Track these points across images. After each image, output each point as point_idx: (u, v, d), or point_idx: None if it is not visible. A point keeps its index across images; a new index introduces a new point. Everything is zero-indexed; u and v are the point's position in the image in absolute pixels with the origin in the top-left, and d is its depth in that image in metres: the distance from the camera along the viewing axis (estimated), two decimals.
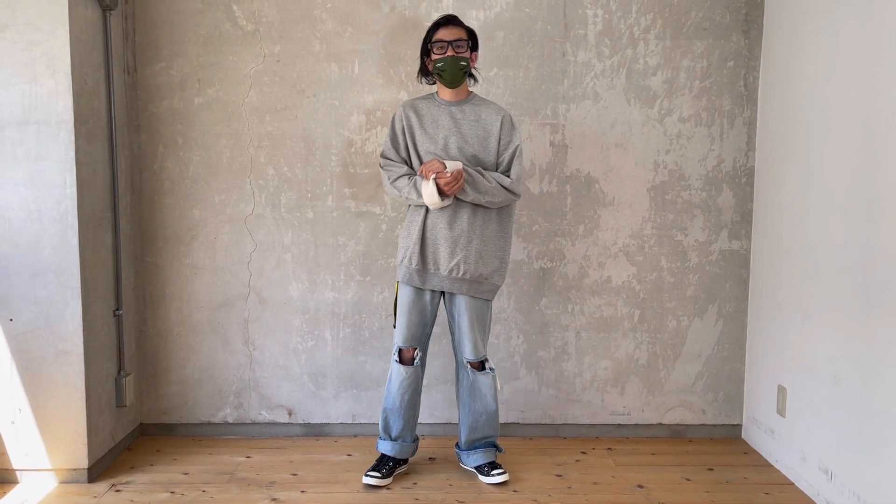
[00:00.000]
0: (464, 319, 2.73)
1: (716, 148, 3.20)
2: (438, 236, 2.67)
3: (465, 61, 2.64)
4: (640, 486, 2.80)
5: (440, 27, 2.66)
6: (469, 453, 2.85)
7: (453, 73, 2.64)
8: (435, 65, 2.66)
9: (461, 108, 2.71)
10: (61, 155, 2.67)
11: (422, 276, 2.71)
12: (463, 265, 2.66)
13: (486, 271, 2.70)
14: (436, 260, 2.69)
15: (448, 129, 2.68)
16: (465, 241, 2.66)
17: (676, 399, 3.31)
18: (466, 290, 2.70)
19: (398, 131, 2.75)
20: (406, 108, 2.74)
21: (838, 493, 2.51)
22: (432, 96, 2.77)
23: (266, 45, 3.14)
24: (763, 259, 3.12)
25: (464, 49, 2.64)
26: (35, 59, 2.63)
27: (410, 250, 2.70)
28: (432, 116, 2.71)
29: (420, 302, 2.74)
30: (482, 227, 2.69)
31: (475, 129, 2.70)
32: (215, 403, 3.30)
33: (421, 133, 2.70)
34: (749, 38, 3.15)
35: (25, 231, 2.69)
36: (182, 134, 3.17)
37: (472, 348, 2.74)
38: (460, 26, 2.67)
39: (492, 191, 2.63)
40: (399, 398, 2.79)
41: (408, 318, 2.74)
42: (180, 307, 3.25)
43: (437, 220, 2.67)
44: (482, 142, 2.70)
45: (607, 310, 3.27)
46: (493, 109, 2.72)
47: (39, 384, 2.75)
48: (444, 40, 2.62)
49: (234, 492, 2.73)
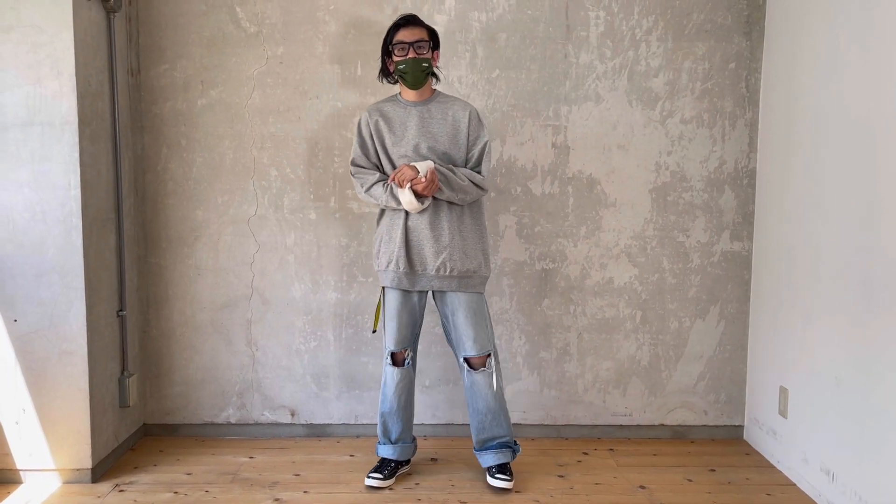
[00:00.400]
0: (458, 316, 2.72)
1: (717, 149, 3.20)
2: (421, 237, 2.67)
3: (427, 62, 2.63)
4: (641, 486, 2.81)
5: (400, 28, 2.63)
6: (482, 454, 2.83)
7: (415, 75, 2.63)
8: (397, 66, 2.64)
9: (427, 108, 2.70)
10: (65, 156, 2.68)
11: (410, 278, 2.71)
12: (449, 262, 2.66)
13: (472, 265, 2.71)
14: (422, 260, 2.69)
15: (417, 130, 2.67)
16: (448, 237, 2.67)
17: (678, 400, 3.32)
18: (456, 286, 2.71)
19: (366, 137, 2.73)
20: (372, 113, 2.73)
21: (840, 493, 2.52)
22: (396, 98, 2.75)
23: (269, 46, 3.16)
24: (765, 260, 3.13)
25: (425, 50, 2.63)
26: (39, 61, 2.64)
27: (396, 254, 2.68)
28: (400, 119, 2.70)
29: (409, 304, 2.75)
30: (459, 223, 2.69)
31: (443, 126, 2.69)
32: (218, 404, 3.31)
33: (390, 136, 2.69)
34: (751, 40, 3.16)
35: (30, 232, 2.70)
36: (185, 135, 3.19)
37: (472, 343, 2.72)
38: (421, 26, 2.65)
39: (465, 188, 2.64)
40: (396, 400, 2.79)
41: (398, 321, 2.74)
42: (183, 308, 3.26)
43: (418, 220, 2.67)
44: (452, 139, 2.69)
45: (609, 311, 3.28)
46: (459, 105, 2.72)
47: (43, 384, 2.76)
48: (404, 42, 2.61)
49: (237, 492, 2.74)
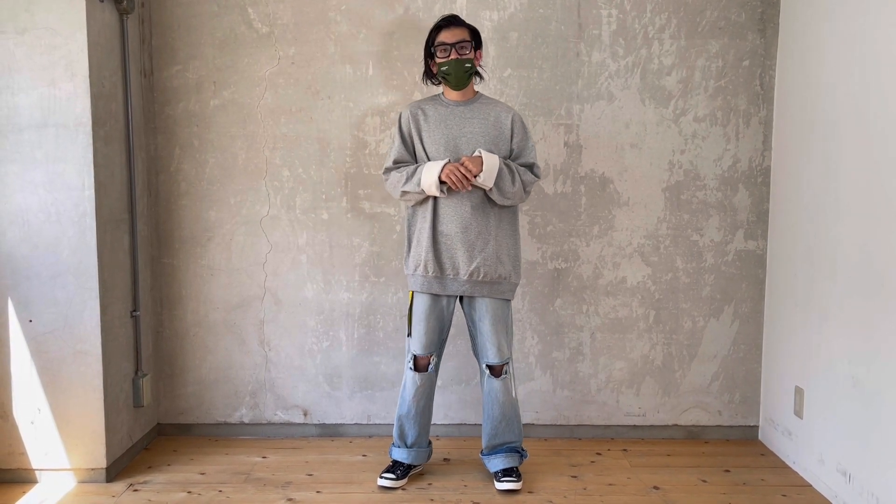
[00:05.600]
0: (485, 323, 2.70)
1: (731, 148, 3.18)
2: (454, 240, 2.64)
3: (470, 62, 2.62)
4: (655, 487, 2.79)
5: (441, 29, 2.62)
6: (490, 458, 2.82)
7: (458, 76, 2.62)
8: (439, 68, 2.63)
9: (470, 108, 2.69)
10: (79, 157, 2.69)
11: (441, 282, 2.68)
12: (483, 268, 2.64)
13: (504, 271, 2.68)
14: (454, 265, 2.66)
15: (458, 130, 2.66)
16: (483, 243, 2.65)
17: (692, 400, 3.30)
18: (487, 292, 2.68)
19: (405, 134, 2.72)
20: (413, 109, 2.72)
21: (857, 495, 2.49)
22: (438, 97, 2.74)
23: (281, 47, 3.16)
24: (779, 259, 3.10)
25: (467, 50, 2.61)
26: (54, 63, 2.66)
27: (424, 258, 2.66)
28: (440, 116, 2.68)
29: (437, 308, 2.71)
30: (496, 228, 2.67)
31: (485, 127, 2.66)
32: (231, 404, 3.32)
33: (429, 134, 2.68)
34: (765, 37, 3.13)
35: (45, 233, 2.72)
36: (198, 136, 3.20)
37: (495, 351, 2.70)
38: (462, 26, 2.63)
39: (515, 194, 2.64)
40: (414, 406, 2.77)
41: (426, 325, 2.71)
42: (196, 308, 3.27)
43: (450, 223, 2.64)
44: (493, 140, 2.66)
45: (622, 310, 3.26)
46: (502, 108, 2.71)
47: (58, 385, 2.77)
48: (446, 43, 2.60)
49: (251, 492, 2.75)
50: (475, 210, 2.64)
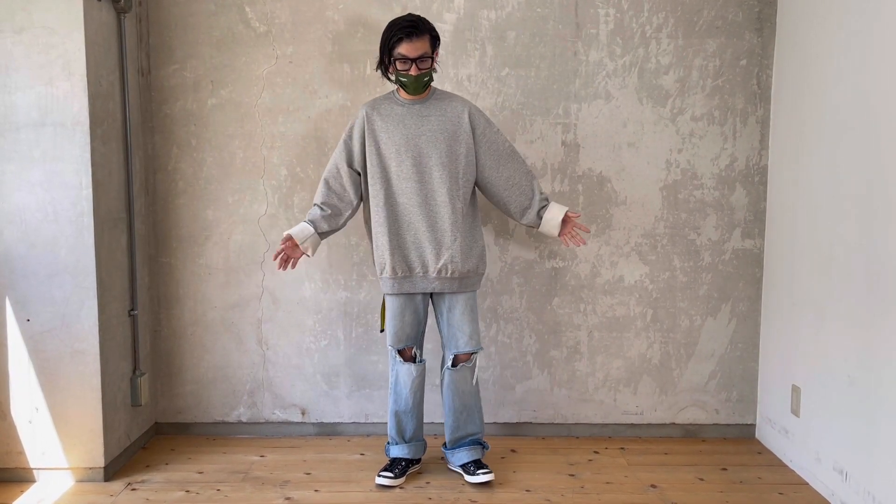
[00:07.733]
0: (455, 313, 2.73)
1: (728, 147, 3.18)
2: (421, 238, 2.66)
3: (429, 74, 2.61)
4: (653, 485, 2.80)
5: (402, 41, 2.51)
6: (454, 452, 2.83)
7: (416, 87, 2.61)
8: (398, 76, 2.61)
9: (426, 106, 2.68)
10: (77, 156, 2.69)
11: (410, 282, 2.70)
12: (450, 265, 2.66)
13: (471, 265, 2.71)
14: (423, 263, 2.68)
15: (416, 129, 2.64)
16: (450, 239, 2.65)
17: (689, 398, 3.30)
18: (457, 287, 2.70)
19: (356, 139, 2.69)
20: (369, 111, 2.68)
21: (853, 493, 2.50)
22: (393, 95, 2.71)
23: (279, 46, 3.16)
24: (776, 258, 3.11)
25: (428, 63, 2.58)
26: (51, 62, 2.66)
27: (388, 261, 2.67)
28: (398, 116, 2.66)
29: (411, 304, 2.74)
30: (462, 223, 2.68)
31: (443, 123, 2.65)
32: (229, 403, 3.32)
33: (387, 135, 2.65)
34: (762, 37, 3.14)
35: (42, 232, 2.72)
36: (196, 135, 3.20)
37: (467, 339, 2.73)
38: (423, 35, 2.54)
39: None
40: (412, 398, 2.78)
41: (401, 320, 2.73)
42: (194, 307, 3.27)
43: (416, 221, 2.65)
44: (452, 136, 2.65)
45: (620, 309, 3.27)
46: (458, 102, 2.70)
47: (56, 384, 2.77)
48: (407, 57, 2.54)
49: (249, 491, 2.75)
50: (442, 206, 2.64)
